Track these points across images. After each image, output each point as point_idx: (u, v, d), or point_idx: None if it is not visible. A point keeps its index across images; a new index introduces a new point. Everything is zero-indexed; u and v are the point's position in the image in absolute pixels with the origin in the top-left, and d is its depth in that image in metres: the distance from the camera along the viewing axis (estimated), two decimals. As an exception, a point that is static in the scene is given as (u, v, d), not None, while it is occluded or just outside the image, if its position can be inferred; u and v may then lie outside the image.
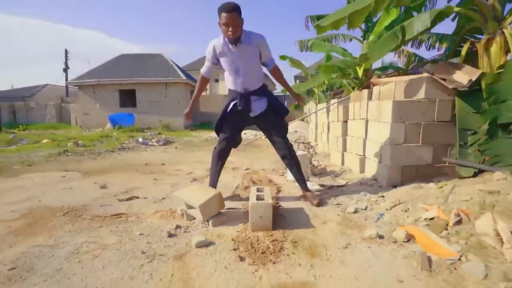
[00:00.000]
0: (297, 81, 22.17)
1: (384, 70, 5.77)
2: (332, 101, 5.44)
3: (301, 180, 2.30)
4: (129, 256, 1.42)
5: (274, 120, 2.26)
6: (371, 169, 2.93)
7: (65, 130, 14.08)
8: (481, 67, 2.36)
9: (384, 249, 1.49)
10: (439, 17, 2.69)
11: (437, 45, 4.63)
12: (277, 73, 2.29)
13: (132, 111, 14.02)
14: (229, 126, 2.24)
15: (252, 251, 1.45)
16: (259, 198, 1.83)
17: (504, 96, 2.14)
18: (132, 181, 3.21)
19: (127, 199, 2.48)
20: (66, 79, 20.99)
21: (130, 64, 15.49)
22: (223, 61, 2.10)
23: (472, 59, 2.58)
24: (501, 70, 2.16)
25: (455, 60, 2.78)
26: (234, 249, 1.48)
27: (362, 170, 3.14)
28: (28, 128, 14.21)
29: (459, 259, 1.31)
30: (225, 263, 1.35)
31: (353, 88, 5.73)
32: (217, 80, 23.95)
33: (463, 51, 2.57)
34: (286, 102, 17.04)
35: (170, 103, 14.48)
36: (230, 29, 1.88)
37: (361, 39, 5.97)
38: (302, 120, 11.40)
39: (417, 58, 5.21)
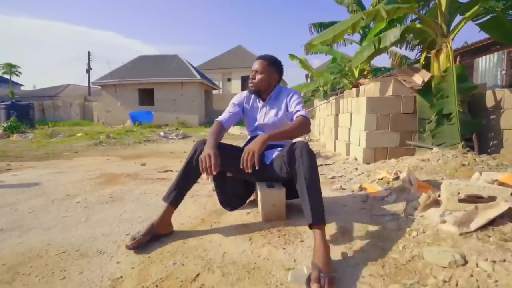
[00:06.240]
0: (309, 80, 22.76)
1: (378, 71, 6.44)
2: (331, 98, 6.16)
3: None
4: (177, 195, 2.24)
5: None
6: (354, 151, 3.67)
7: (89, 126, 15.30)
8: (432, 71, 3.07)
9: (343, 193, 2.25)
10: (406, 31, 3.40)
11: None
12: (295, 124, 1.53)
13: (150, 108, 15.08)
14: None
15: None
16: (269, 185, 1.65)
17: (446, 93, 2.85)
18: (163, 162, 4.06)
19: (165, 171, 3.32)
20: (89, 79, 22.39)
21: (148, 65, 16.59)
22: (247, 115, 1.82)
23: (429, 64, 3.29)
24: (445, 74, 2.87)
25: (417, 65, 3.49)
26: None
27: (347, 153, 3.88)
28: (56, 125, 15.50)
29: (387, 196, 2.06)
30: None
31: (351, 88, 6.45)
32: (229, 79, 24.86)
33: (422, 58, 3.28)
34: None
35: (185, 101, 15.46)
36: (251, 75, 1.70)
37: (359, 42, 6.66)
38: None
39: (407, 60, 5.89)
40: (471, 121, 2.81)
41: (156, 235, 1.37)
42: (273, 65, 1.71)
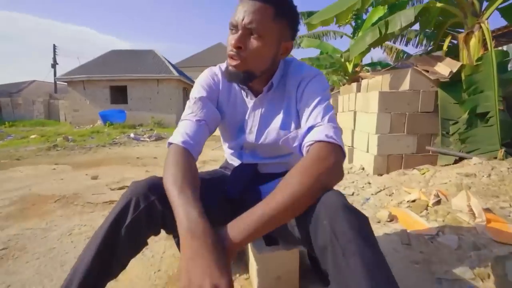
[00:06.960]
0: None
1: (373, 66, 5.90)
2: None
3: None
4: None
5: None
6: (359, 158, 3.02)
7: (54, 126, 13.84)
8: (461, 59, 2.47)
9: (367, 228, 1.56)
10: (423, 12, 2.79)
11: (424, 42, 4.78)
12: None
13: (123, 107, 13.86)
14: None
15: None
16: (270, 242, 0.97)
17: (481, 86, 2.25)
18: (124, 173, 3.22)
19: (119, 188, 2.50)
20: (55, 75, 20.61)
21: (121, 60, 15.33)
22: (225, 119, 0.90)
23: (454, 52, 2.70)
24: (479, 62, 2.27)
25: (438, 53, 2.89)
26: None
27: (350, 160, 3.23)
28: (14, 125, 13.91)
29: (437, 234, 1.40)
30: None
31: (344, 84, 5.85)
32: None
33: (445, 45, 2.69)
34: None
35: (162, 99, 14.40)
36: (234, 40, 0.71)
37: (351, 36, 6.08)
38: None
39: (405, 55, 5.36)
40: (513, 122, 2.23)
41: None
42: (287, 15, 0.74)
